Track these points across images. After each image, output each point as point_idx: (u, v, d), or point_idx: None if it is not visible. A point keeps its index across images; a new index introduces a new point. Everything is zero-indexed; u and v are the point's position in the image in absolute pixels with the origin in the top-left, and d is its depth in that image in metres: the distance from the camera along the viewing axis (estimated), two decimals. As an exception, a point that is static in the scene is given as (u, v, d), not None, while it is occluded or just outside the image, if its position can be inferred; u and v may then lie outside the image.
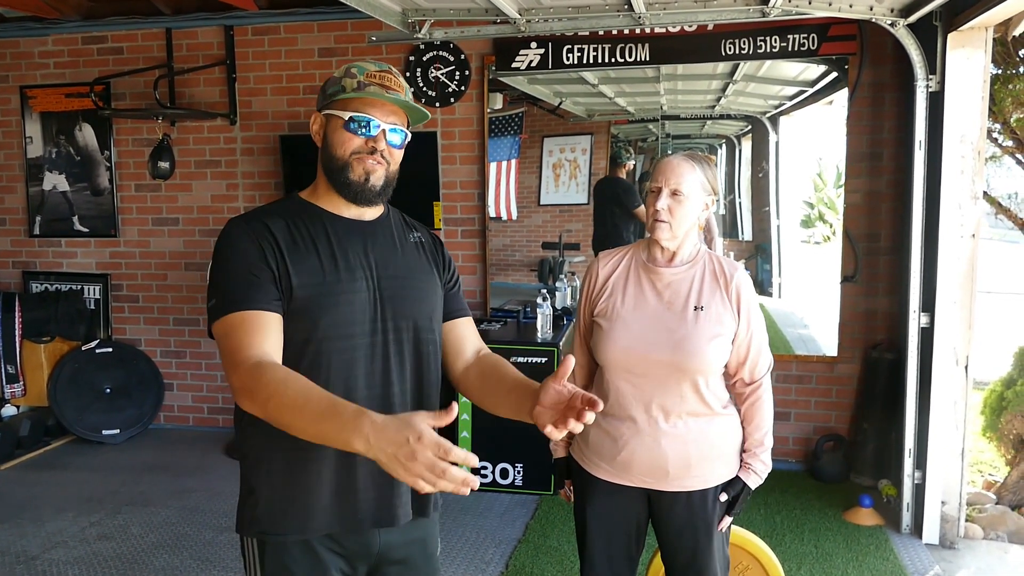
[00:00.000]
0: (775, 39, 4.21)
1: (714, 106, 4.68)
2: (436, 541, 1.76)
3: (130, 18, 5.04)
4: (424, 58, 4.68)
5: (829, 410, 4.50)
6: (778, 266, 4.67)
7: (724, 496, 2.06)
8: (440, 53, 4.66)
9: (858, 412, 4.38)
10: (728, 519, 2.09)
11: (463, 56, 4.65)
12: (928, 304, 3.58)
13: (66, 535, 3.74)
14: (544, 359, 4.08)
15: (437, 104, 4.71)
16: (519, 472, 4.17)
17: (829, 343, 4.46)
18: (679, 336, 1.98)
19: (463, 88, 4.68)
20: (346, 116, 1.55)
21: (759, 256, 4.68)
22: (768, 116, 4.58)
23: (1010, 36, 3.65)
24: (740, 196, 4.73)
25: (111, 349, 5.21)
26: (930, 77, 3.51)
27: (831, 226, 4.56)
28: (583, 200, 4.82)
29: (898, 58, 4.07)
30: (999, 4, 2.96)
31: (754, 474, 2.07)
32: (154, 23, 5.03)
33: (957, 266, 3.51)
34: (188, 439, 5.14)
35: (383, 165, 1.58)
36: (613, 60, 4.41)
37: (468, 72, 4.66)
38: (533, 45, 4.49)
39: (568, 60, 4.46)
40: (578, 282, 4.64)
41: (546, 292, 4.35)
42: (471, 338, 1.78)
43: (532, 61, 4.51)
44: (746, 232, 4.77)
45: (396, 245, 1.67)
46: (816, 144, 4.55)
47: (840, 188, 4.39)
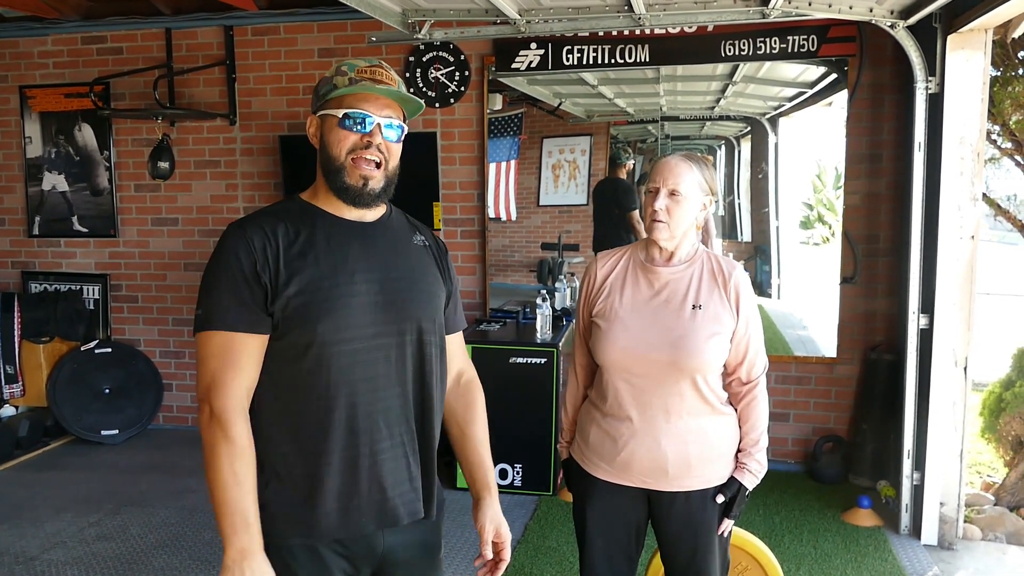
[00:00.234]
0: (775, 40, 4.21)
1: (713, 107, 4.68)
2: (439, 542, 1.76)
3: (130, 18, 5.04)
4: (424, 59, 4.68)
5: (828, 411, 4.50)
6: (777, 267, 4.67)
7: (720, 498, 2.05)
8: (440, 54, 4.66)
9: (857, 413, 4.38)
10: (729, 522, 2.08)
11: (463, 57, 4.65)
12: (927, 305, 3.59)
13: (65, 535, 3.74)
14: (543, 359, 4.08)
15: (437, 105, 4.71)
16: (518, 473, 4.17)
17: (828, 344, 4.46)
18: (677, 335, 1.98)
19: (463, 89, 4.68)
20: (340, 114, 1.54)
21: (758, 257, 4.69)
22: (767, 117, 4.58)
23: (1009, 38, 3.65)
24: (739, 197, 4.73)
25: (110, 349, 5.21)
26: (929, 79, 3.51)
27: (830, 227, 4.56)
28: (582, 201, 4.82)
29: (897, 60, 4.07)
30: (999, 6, 2.97)
31: (749, 474, 2.06)
32: (154, 23, 5.03)
33: (956, 267, 3.52)
34: (187, 439, 5.14)
35: (381, 166, 1.57)
36: (613, 61, 4.41)
37: (468, 73, 4.66)
38: (533, 46, 4.49)
39: (568, 61, 4.47)
40: (577, 283, 4.64)
41: (545, 293, 4.36)
42: (456, 356, 1.82)
43: (532, 62, 4.52)
44: (745, 233, 4.77)
45: (399, 247, 1.66)
46: (815, 145, 4.56)
47: (839, 189, 4.39)
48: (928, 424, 3.56)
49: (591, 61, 4.44)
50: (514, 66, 4.55)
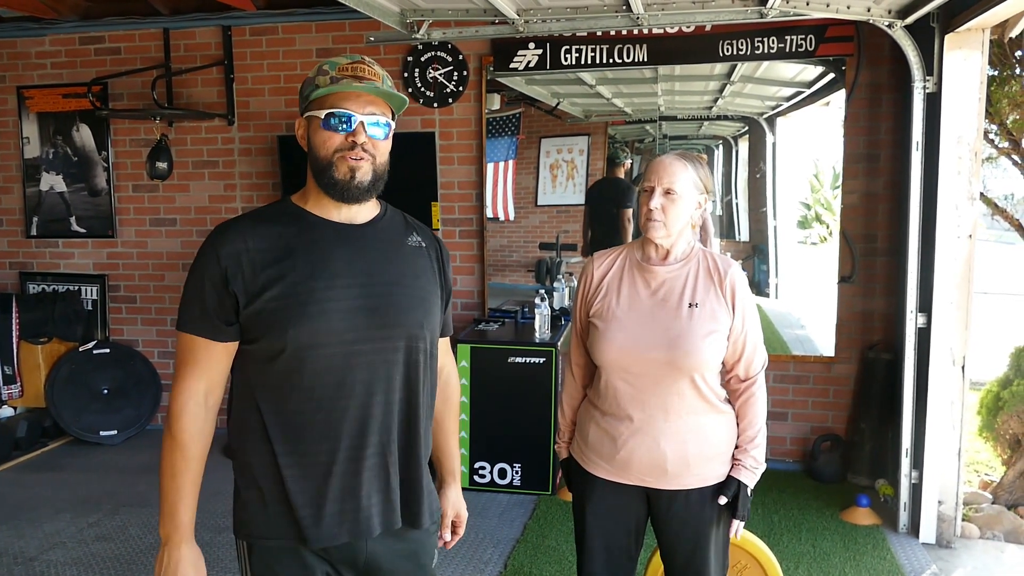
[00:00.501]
0: (773, 40, 4.22)
1: (711, 107, 4.69)
2: (431, 553, 1.74)
3: (128, 18, 5.03)
4: (422, 58, 4.68)
5: (826, 410, 4.51)
6: (775, 267, 4.68)
7: (723, 499, 2.03)
8: (438, 53, 4.66)
9: (855, 412, 4.39)
10: (737, 524, 2.07)
11: (461, 56, 4.65)
12: (925, 304, 3.59)
13: (64, 536, 3.74)
14: (542, 359, 4.09)
15: (435, 104, 4.72)
16: (517, 472, 4.18)
17: (826, 343, 4.47)
18: (674, 334, 1.98)
19: (461, 88, 4.68)
20: (323, 114, 1.53)
21: (756, 257, 4.69)
22: (765, 117, 4.58)
23: (1006, 38, 3.66)
24: (737, 197, 4.74)
25: (108, 350, 5.21)
26: (927, 78, 3.52)
27: (828, 227, 4.57)
28: (580, 201, 4.83)
29: (895, 59, 4.08)
30: (996, 6, 2.97)
31: (746, 470, 2.05)
32: (152, 23, 5.03)
33: (954, 267, 3.52)
34: (186, 440, 5.12)
35: (368, 160, 1.53)
36: (611, 61, 4.42)
37: (466, 72, 4.67)
38: (531, 46, 4.49)
39: (566, 61, 4.47)
40: (575, 282, 4.64)
41: (544, 292, 4.36)
42: (439, 353, 1.80)
43: (530, 62, 4.52)
44: (743, 233, 4.78)
45: (389, 249, 1.62)
46: (813, 145, 4.56)
47: (837, 189, 4.40)
48: (926, 423, 3.57)
49: (589, 61, 4.45)
50: (512, 66, 4.56)
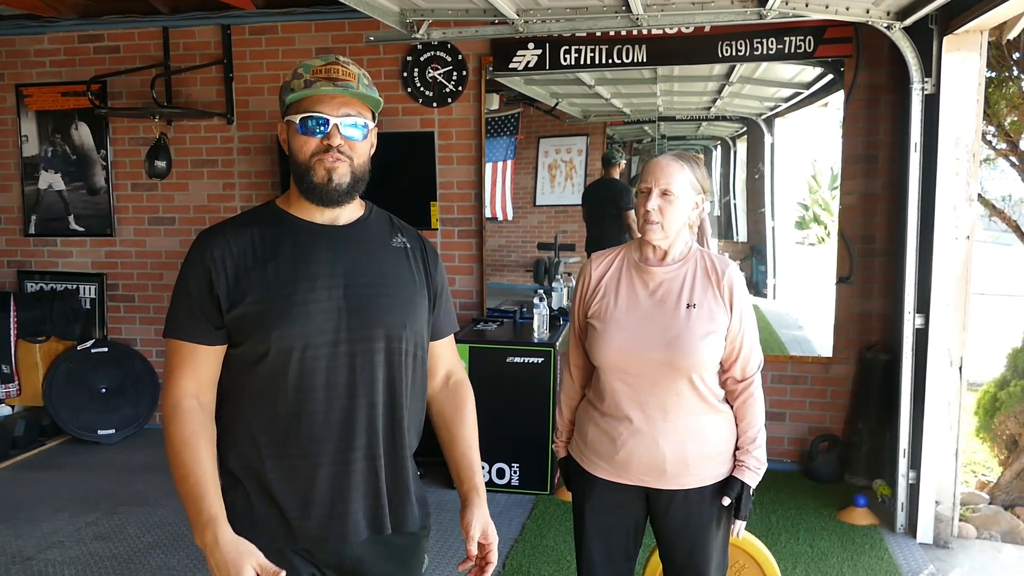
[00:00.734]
0: (772, 41, 4.22)
1: (710, 108, 4.70)
2: (420, 557, 1.73)
3: (127, 17, 5.03)
4: (422, 58, 4.68)
5: (824, 411, 4.51)
6: (773, 267, 4.69)
7: (726, 500, 2.04)
8: (438, 53, 4.67)
9: (853, 413, 4.39)
10: (740, 523, 2.08)
11: (460, 56, 4.65)
12: (923, 305, 3.60)
13: (62, 535, 3.73)
14: (541, 359, 4.09)
15: (434, 104, 4.72)
16: (515, 472, 4.18)
17: (824, 344, 4.48)
18: (672, 334, 1.99)
19: (460, 88, 4.68)
20: (298, 119, 1.52)
21: (754, 257, 4.70)
22: (764, 118, 4.60)
23: (1004, 39, 3.67)
24: (735, 197, 4.75)
25: (106, 349, 5.20)
26: (925, 80, 3.53)
27: (826, 228, 4.58)
28: (579, 201, 4.83)
29: (894, 61, 4.09)
30: (994, 8, 2.98)
31: (749, 471, 2.06)
32: (151, 22, 5.03)
33: (952, 268, 3.53)
34: (184, 439, 5.13)
35: (345, 162, 1.53)
36: (610, 61, 4.42)
37: (465, 72, 4.67)
38: (531, 46, 4.50)
39: (565, 61, 4.47)
40: (574, 283, 4.65)
41: (543, 292, 4.37)
42: (445, 358, 1.78)
43: (530, 62, 4.52)
44: (741, 233, 4.79)
45: (373, 250, 1.62)
46: (811, 146, 4.57)
47: (835, 190, 4.41)
48: (923, 423, 3.58)
49: (588, 61, 4.45)
50: (512, 66, 4.56)
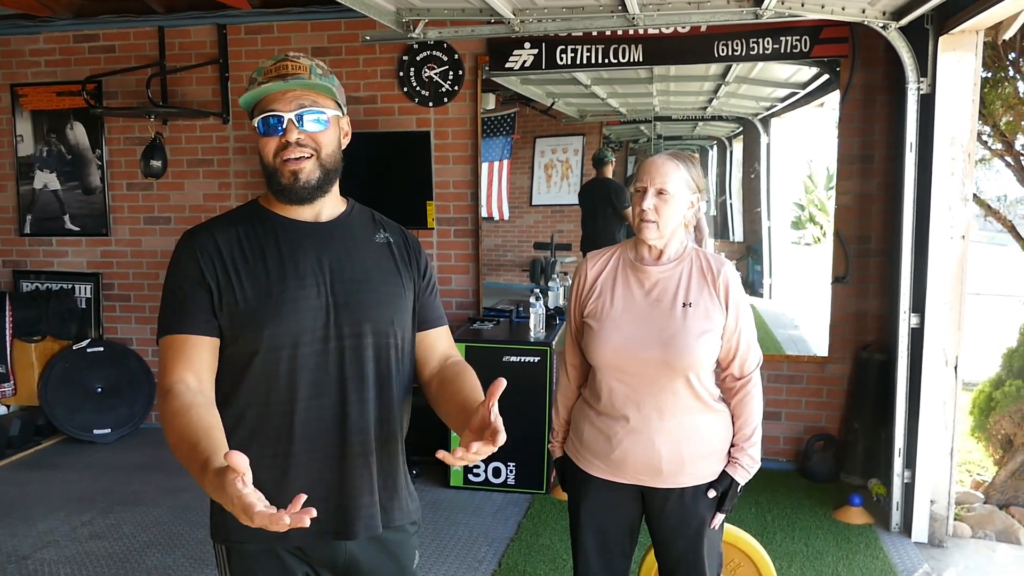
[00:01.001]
0: (767, 41, 4.23)
1: (706, 108, 4.70)
2: (412, 554, 1.73)
3: (122, 16, 5.02)
4: (418, 58, 4.68)
5: (820, 410, 4.52)
6: (769, 267, 4.70)
7: (712, 493, 2.06)
8: (434, 53, 4.66)
9: (848, 412, 4.40)
10: (720, 516, 2.09)
11: (457, 56, 4.65)
12: (918, 305, 3.61)
13: (57, 534, 3.73)
14: (537, 358, 4.09)
15: (430, 104, 4.71)
16: (511, 471, 4.18)
17: (820, 344, 4.48)
18: (668, 334, 1.99)
19: (456, 88, 4.68)
20: (256, 122, 1.53)
21: (750, 257, 4.71)
22: (759, 118, 4.60)
23: (1000, 40, 3.68)
24: (731, 197, 4.75)
25: (102, 348, 5.19)
26: (921, 80, 3.53)
27: (822, 227, 4.58)
28: (575, 201, 4.83)
29: (889, 61, 4.09)
30: (990, 8, 2.99)
31: (741, 468, 2.07)
32: (146, 21, 5.02)
33: (947, 268, 3.54)
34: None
35: (308, 157, 1.52)
36: (606, 61, 4.42)
37: (462, 72, 4.67)
38: (527, 45, 4.50)
39: (561, 60, 4.47)
40: (570, 282, 4.65)
41: (539, 292, 4.37)
42: (440, 347, 1.75)
43: (526, 61, 4.52)
44: (737, 233, 4.79)
45: (355, 247, 1.62)
46: (807, 146, 4.58)
47: (831, 190, 4.41)
48: (919, 423, 3.58)
49: (585, 61, 4.45)
50: (508, 65, 4.56)
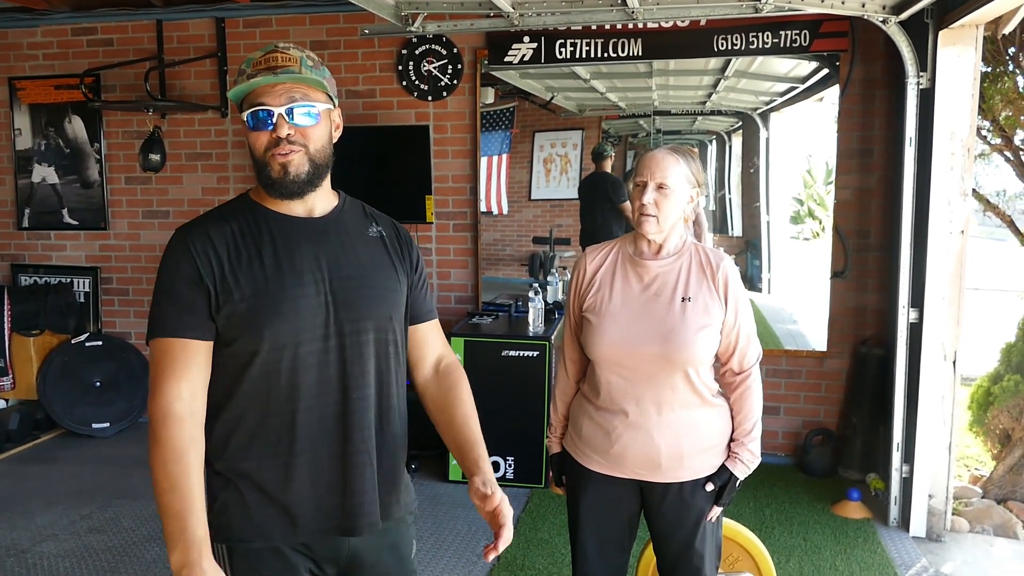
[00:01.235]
0: (767, 35, 4.22)
1: (705, 102, 4.69)
2: (410, 543, 1.73)
3: (120, 10, 5.01)
4: (417, 51, 4.67)
5: (818, 404, 4.53)
6: (768, 262, 4.70)
7: (710, 486, 2.06)
8: (433, 47, 4.65)
9: (847, 407, 4.41)
10: (717, 509, 2.10)
11: (456, 50, 4.64)
12: (917, 300, 3.61)
13: (56, 528, 3.73)
14: (536, 352, 4.09)
15: (429, 98, 4.71)
16: (510, 465, 4.18)
17: (818, 338, 4.49)
18: (667, 328, 1.99)
19: (455, 82, 4.67)
20: (246, 115, 1.49)
21: (749, 252, 4.71)
22: (759, 112, 4.59)
23: (1000, 34, 3.67)
24: (730, 192, 4.75)
25: (101, 342, 5.19)
26: (921, 74, 3.53)
27: (821, 222, 4.58)
28: (574, 195, 4.83)
29: (889, 55, 4.09)
30: (990, 2, 2.98)
31: (741, 463, 2.07)
32: (145, 15, 5.01)
33: (946, 262, 3.54)
34: (178, 433, 5.12)
35: (298, 151, 1.49)
36: (606, 55, 4.42)
37: (461, 66, 4.66)
38: (526, 39, 4.49)
39: (561, 54, 4.47)
40: (569, 276, 4.65)
41: (538, 286, 4.37)
42: (433, 343, 1.75)
43: (525, 55, 4.51)
44: (736, 228, 4.79)
45: (350, 242, 1.60)
46: (806, 140, 4.57)
47: (830, 184, 4.41)
48: (917, 418, 3.59)
49: (584, 55, 4.45)
50: (507, 59, 4.55)
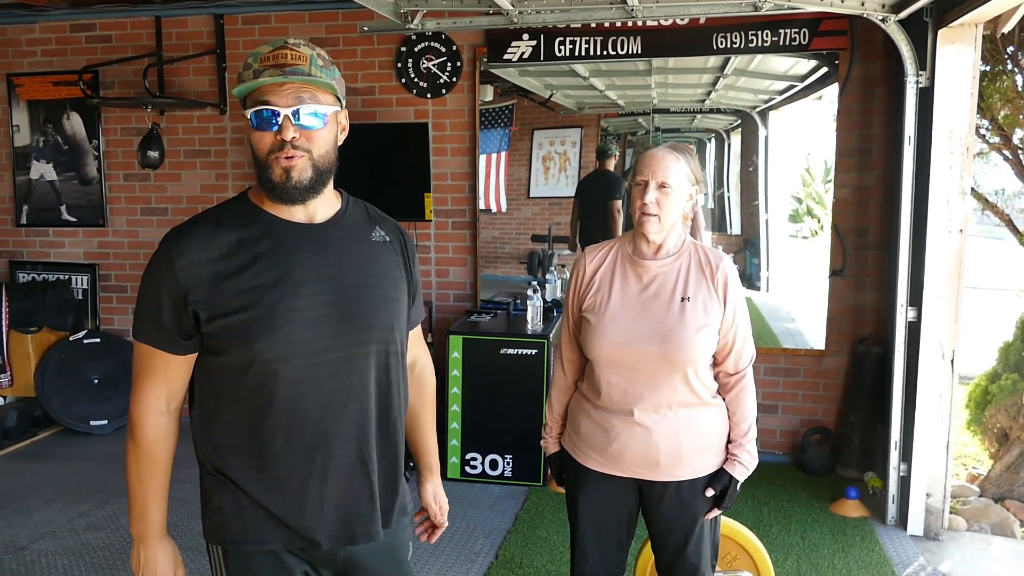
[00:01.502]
0: (766, 33, 4.22)
1: (704, 100, 4.69)
2: (407, 546, 1.72)
3: (119, 6, 4.99)
4: (416, 49, 4.66)
5: (816, 403, 4.53)
6: (766, 260, 4.70)
7: (710, 492, 2.05)
8: (432, 44, 4.65)
9: (845, 405, 4.41)
10: (716, 511, 2.09)
11: (455, 47, 4.64)
12: (915, 299, 3.61)
13: (54, 525, 3.73)
14: (535, 351, 4.09)
15: (428, 95, 4.70)
16: (508, 463, 4.18)
17: (817, 337, 4.49)
18: (667, 328, 1.98)
19: (455, 79, 4.67)
20: (250, 113, 1.41)
21: (747, 250, 4.71)
22: (758, 111, 4.59)
23: (999, 33, 3.67)
24: (729, 190, 4.75)
25: (99, 340, 5.18)
26: (920, 73, 3.53)
27: (819, 221, 4.58)
28: (573, 193, 4.83)
29: (888, 54, 4.09)
30: (988, 1, 2.98)
31: (740, 465, 2.07)
32: (143, 11, 4.99)
33: (944, 261, 3.54)
34: (176, 430, 5.12)
35: (302, 156, 1.42)
36: (605, 53, 4.41)
37: (460, 63, 4.65)
38: (525, 37, 4.48)
39: (560, 52, 4.46)
40: (567, 275, 4.64)
41: (536, 284, 4.37)
42: (412, 348, 1.76)
43: (524, 53, 4.51)
44: (735, 226, 4.79)
45: (354, 249, 1.55)
46: (805, 139, 4.57)
47: (829, 183, 4.41)
48: (915, 416, 3.59)
49: (583, 52, 4.44)
50: (506, 57, 4.54)
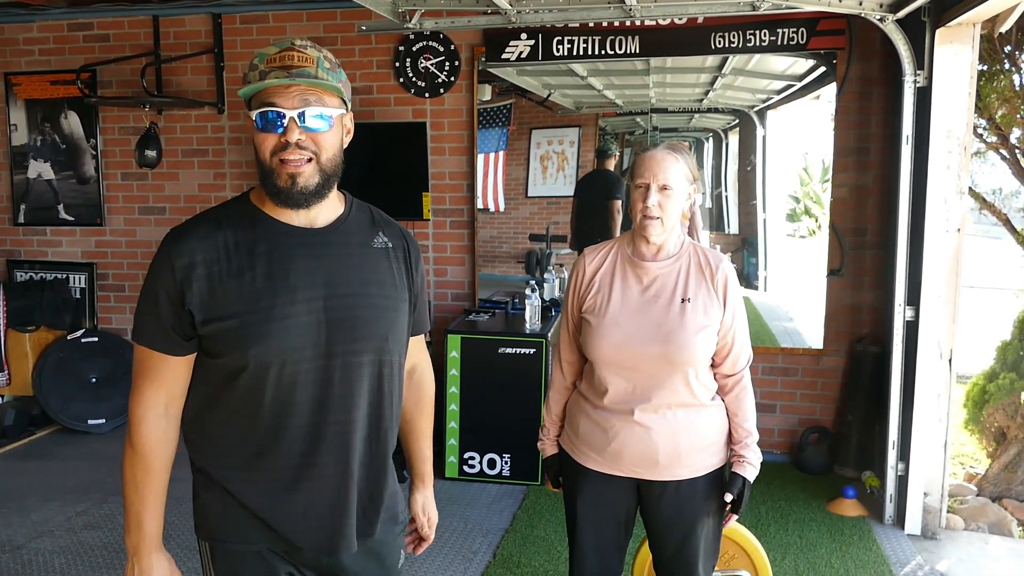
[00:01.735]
0: (764, 33, 4.22)
1: (702, 100, 4.69)
2: (397, 553, 1.71)
3: (117, 5, 4.98)
4: (414, 48, 4.66)
5: (814, 402, 4.53)
6: (764, 260, 4.70)
7: (729, 497, 2.05)
8: (430, 43, 4.65)
9: (843, 404, 4.41)
10: (734, 518, 2.11)
11: (453, 47, 4.64)
12: (913, 298, 3.61)
13: (52, 524, 3.73)
14: (533, 350, 4.09)
15: (427, 94, 4.70)
16: (506, 462, 4.18)
17: (814, 336, 4.49)
18: (667, 329, 1.99)
19: (453, 79, 4.67)
20: (255, 114, 1.41)
21: (745, 250, 4.71)
22: (756, 110, 4.59)
23: (996, 33, 3.67)
24: (727, 190, 4.75)
25: (96, 339, 5.18)
26: (918, 72, 3.53)
27: (817, 220, 4.59)
28: (571, 193, 4.83)
29: (886, 53, 4.09)
30: (986, 1, 2.98)
31: (749, 465, 2.08)
32: (141, 10, 4.99)
33: (942, 260, 3.54)
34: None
35: (308, 160, 1.42)
36: (603, 52, 4.41)
37: (458, 63, 4.65)
38: (523, 36, 4.48)
39: (558, 52, 4.46)
40: (566, 274, 4.65)
41: (534, 283, 4.37)
42: (413, 354, 1.75)
43: (522, 52, 4.51)
44: (732, 226, 4.79)
45: (353, 255, 1.53)
46: (803, 138, 4.58)
47: (826, 182, 4.41)
48: (913, 415, 3.60)
49: (581, 52, 4.44)
50: (504, 56, 4.54)
